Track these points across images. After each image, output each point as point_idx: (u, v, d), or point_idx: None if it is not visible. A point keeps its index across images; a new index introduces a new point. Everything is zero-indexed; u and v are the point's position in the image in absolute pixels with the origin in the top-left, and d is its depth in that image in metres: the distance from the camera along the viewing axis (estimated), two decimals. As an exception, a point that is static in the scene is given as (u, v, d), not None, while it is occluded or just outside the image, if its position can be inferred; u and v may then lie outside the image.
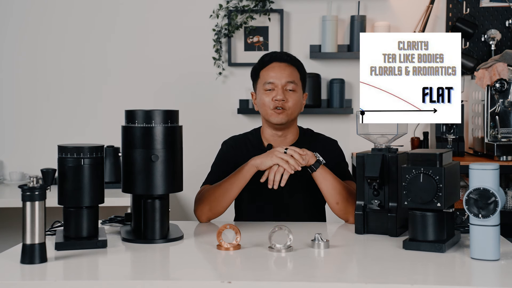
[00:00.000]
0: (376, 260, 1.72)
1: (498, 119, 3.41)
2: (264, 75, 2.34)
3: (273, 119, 2.31)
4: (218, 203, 2.19)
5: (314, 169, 2.15)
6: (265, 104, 2.32)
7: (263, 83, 2.33)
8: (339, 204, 2.17)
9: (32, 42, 3.94)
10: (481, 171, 1.67)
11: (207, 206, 2.20)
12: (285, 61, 2.36)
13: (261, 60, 2.40)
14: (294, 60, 2.39)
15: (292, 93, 2.32)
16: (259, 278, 1.56)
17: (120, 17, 3.93)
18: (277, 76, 2.31)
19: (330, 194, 2.17)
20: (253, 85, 2.43)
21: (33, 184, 1.65)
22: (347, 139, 3.64)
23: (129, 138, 1.90)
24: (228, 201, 2.19)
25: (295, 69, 2.36)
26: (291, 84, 2.32)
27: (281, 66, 2.34)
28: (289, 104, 2.30)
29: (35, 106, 3.95)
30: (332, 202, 2.18)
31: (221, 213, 2.22)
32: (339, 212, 2.18)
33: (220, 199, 2.19)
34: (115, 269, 1.66)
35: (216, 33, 3.86)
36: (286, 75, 2.32)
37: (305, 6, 3.89)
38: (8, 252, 1.79)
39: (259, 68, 2.39)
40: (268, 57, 2.39)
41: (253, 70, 2.43)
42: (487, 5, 3.86)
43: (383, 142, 2.01)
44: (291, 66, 2.35)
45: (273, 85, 2.31)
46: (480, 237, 1.67)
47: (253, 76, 2.42)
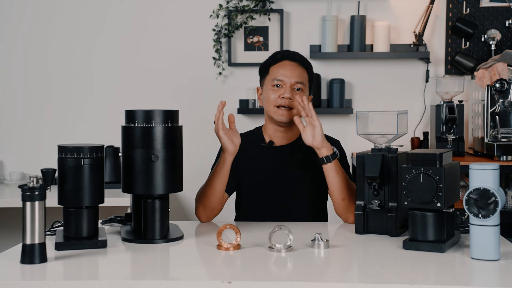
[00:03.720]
0: (376, 260, 1.72)
1: (498, 119, 3.41)
2: (274, 72, 2.33)
3: (276, 117, 2.30)
4: (207, 200, 2.20)
5: (330, 160, 2.13)
6: (270, 100, 2.31)
7: (272, 79, 2.32)
8: (345, 200, 2.16)
9: (32, 42, 3.94)
10: (481, 171, 1.67)
11: (201, 205, 2.22)
12: (296, 61, 2.35)
13: (273, 57, 2.39)
14: (305, 61, 2.38)
15: (299, 93, 2.31)
16: (259, 278, 1.56)
17: (121, 17, 3.93)
18: (287, 74, 2.31)
19: (338, 189, 2.16)
20: (260, 81, 2.42)
21: (33, 184, 1.65)
22: (347, 139, 3.62)
23: (129, 138, 1.90)
24: (215, 196, 2.19)
25: (305, 70, 2.36)
26: (300, 84, 2.31)
27: (292, 65, 2.33)
28: (296, 104, 2.30)
29: (35, 106, 3.95)
30: (339, 197, 2.17)
31: (215, 209, 2.22)
32: (342, 209, 2.17)
33: (208, 195, 2.20)
34: (115, 269, 1.66)
35: (216, 33, 3.86)
36: (296, 75, 2.31)
37: (305, 6, 3.89)
38: (8, 252, 1.79)
39: (269, 64, 2.38)
40: (280, 54, 2.38)
41: (262, 65, 2.41)
42: (487, 5, 3.86)
43: (383, 142, 2.01)
44: (301, 67, 2.35)
45: (282, 83, 2.31)
46: (480, 237, 1.67)
47: (262, 71, 2.41)
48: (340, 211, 2.19)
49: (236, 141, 2.14)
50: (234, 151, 2.14)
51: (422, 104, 3.87)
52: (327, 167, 2.15)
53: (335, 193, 2.17)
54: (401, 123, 2.01)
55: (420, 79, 3.90)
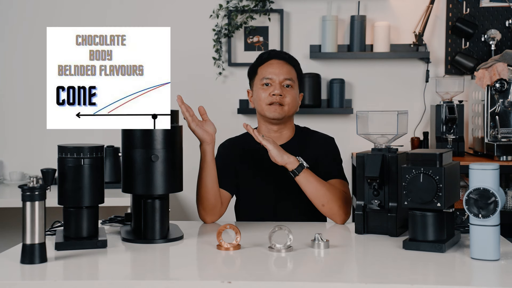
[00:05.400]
0: (376, 260, 1.72)
1: (498, 119, 3.41)
2: (262, 71, 2.34)
3: (269, 114, 2.31)
4: (203, 199, 2.19)
5: (296, 174, 2.14)
6: (261, 99, 2.32)
7: (261, 78, 2.33)
8: (325, 206, 2.16)
9: (32, 42, 3.94)
10: (481, 171, 1.67)
11: (200, 206, 2.21)
12: (283, 58, 2.37)
13: (259, 58, 2.40)
14: (292, 59, 2.40)
15: (289, 89, 2.32)
16: (259, 278, 1.56)
17: (121, 17, 3.93)
18: (275, 72, 2.32)
19: (315, 197, 2.16)
20: (250, 83, 2.43)
21: (33, 184, 1.65)
22: (347, 139, 3.63)
23: (129, 138, 1.90)
24: (209, 192, 2.18)
25: (293, 67, 2.37)
26: (289, 81, 2.32)
27: (279, 63, 2.35)
28: (287, 100, 2.30)
29: (35, 106, 3.95)
30: (318, 204, 2.17)
31: (215, 208, 2.20)
32: (326, 213, 2.18)
33: (202, 194, 2.19)
34: (115, 269, 1.66)
35: (216, 33, 3.86)
36: (284, 72, 2.32)
37: (305, 6, 3.89)
38: (8, 252, 1.79)
39: (257, 65, 2.39)
40: (266, 54, 2.40)
41: (250, 68, 2.42)
42: (487, 5, 3.86)
43: (383, 142, 2.01)
44: (289, 64, 2.36)
45: (270, 81, 2.32)
46: (480, 237, 1.67)
47: (250, 74, 2.42)
48: (326, 215, 2.20)
49: (210, 130, 2.15)
50: (211, 140, 2.15)
51: (422, 104, 3.87)
52: (298, 179, 2.15)
53: (313, 200, 2.18)
54: (401, 123, 2.01)
55: (420, 79, 3.90)
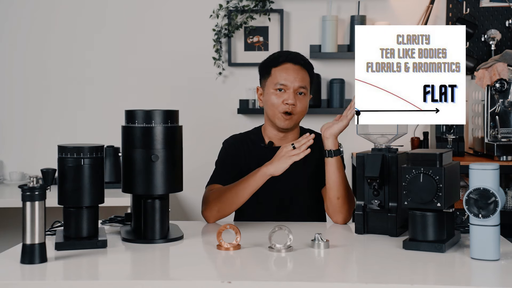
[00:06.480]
0: (376, 260, 1.72)
1: (498, 119, 3.41)
2: (277, 75, 2.30)
3: (279, 123, 2.29)
4: (227, 206, 2.17)
5: (332, 155, 2.15)
6: (274, 105, 2.28)
7: (275, 82, 2.29)
8: (340, 199, 2.16)
9: (32, 42, 3.94)
10: (481, 171, 1.67)
11: (216, 207, 2.19)
12: (299, 63, 2.31)
13: (275, 58, 2.34)
14: (307, 63, 2.34)
15: (302, 98, 2.29)
16: (259, 278, 1.56)
17: (121, 17, 3.93)
18: (290, 78, 2.28)
19: (335, 187, 2.16)
20: (261, 80, 2.38)
21: (33, 184, 1.65)
22: (347, 139, 3.62)
23: (129, 138, 1.90)
24: (237, 205, 2.17)
25: (307, 73, 2.33)
26: (303, 89, 2.29)
27: (295, 68, 2.30)
28: (298, 109, 2.27)
29: (35, 106, 3.95)
30: (334, 195, 2.17)
31: (228, 215, 2.21)
32: (334, 207, 2.17)
33: (229, 202, 2.17)
34: (115, 269, 1.66)
35: (216, 33, 3.86)
36: (299, 79, 2.28)
37: (305, 6, 3.89)
38: (8, 252, 1.79)
39: (271, 65, 2.33)
40: (283, 57, 2.33)
41: (263, 65, 2.37)
42: (487, 5, 3.86)
43: (383, 142, 2.01)
44: (304, 69, 2.31)
45: (285, 87, 2.28)
46: (480, 237, 1.67)
47: (262, 72, 2.36)
48: (332, 209, 2.18)
49: None
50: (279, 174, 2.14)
51: (422, 104, 3.87)
52: (328, 161, 2.15)
53: (332, 190, 2.17)
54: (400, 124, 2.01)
55: (420, 79, 3.89)
